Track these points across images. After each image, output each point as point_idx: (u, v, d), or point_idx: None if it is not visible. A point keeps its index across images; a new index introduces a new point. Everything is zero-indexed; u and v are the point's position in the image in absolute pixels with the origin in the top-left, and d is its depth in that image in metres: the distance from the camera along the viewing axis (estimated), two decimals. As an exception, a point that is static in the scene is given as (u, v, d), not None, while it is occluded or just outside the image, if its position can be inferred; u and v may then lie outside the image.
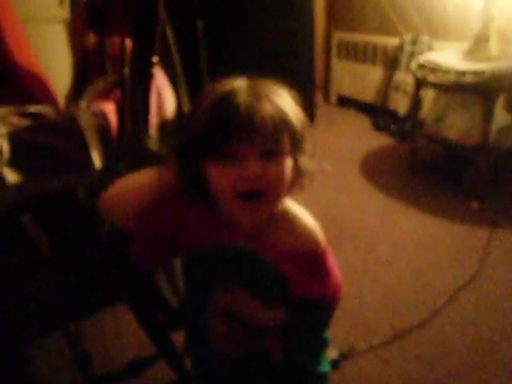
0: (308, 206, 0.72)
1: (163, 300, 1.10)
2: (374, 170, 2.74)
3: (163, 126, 1.17)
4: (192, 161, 0.63)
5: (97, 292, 1.19)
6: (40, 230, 1.12)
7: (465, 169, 2.45)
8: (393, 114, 3.33)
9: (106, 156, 1.10)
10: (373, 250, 1.95)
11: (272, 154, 0.61)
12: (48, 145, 1.10)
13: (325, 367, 0.83)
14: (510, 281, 1.71)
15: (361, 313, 1.59)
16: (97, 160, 1.08)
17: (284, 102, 0.63)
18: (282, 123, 0.61)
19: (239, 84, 0.61)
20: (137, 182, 0.71)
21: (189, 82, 1.45)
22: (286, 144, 0.63)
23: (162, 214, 0.70)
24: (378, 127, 3.36)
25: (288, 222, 0.70)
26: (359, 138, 3.24)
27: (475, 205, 2.24)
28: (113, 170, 1.02)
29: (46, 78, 1.46)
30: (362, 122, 3.54)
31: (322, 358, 0.82)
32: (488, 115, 2.16)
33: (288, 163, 0.64)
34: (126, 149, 1.05)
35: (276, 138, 0.61)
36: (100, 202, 0.72)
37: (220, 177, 0.61)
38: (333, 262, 0.74)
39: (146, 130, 1.11)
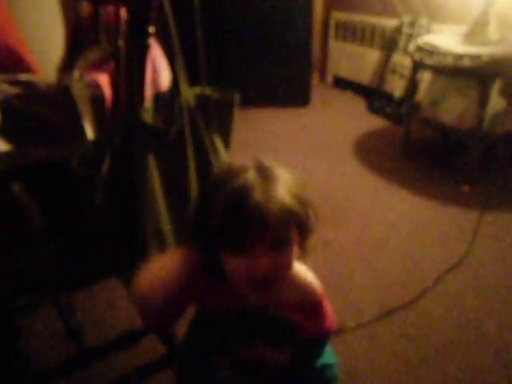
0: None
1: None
2: (368, 152, 2.74)
3: (158, 98, 1.15)
4: (211, 249, 0.70)
5: (89, 264, 1.19)
6: (32, 201, 1.11)
7: (457, 153, 2.47)
8: (388, 97, 3.32)
9: (99, 127, 1.08)
10: (364, 230, 1.97)
11: (281, 246, 0.67)
12: (39, 114, 1.08)
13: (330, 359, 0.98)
14: (498, 263, 1.74)
15: (351, 292, 1.61)
16: (89, 131, 1.07)
17: (290, 191, 0.68)
18: (289, 219, 0.66)
19: (250, 179, 0.66)
20: (165, 271, 0.75)
21: (185, 55, 1.42)
22: (294, 234, 0.68)
23: (186, 289, 0.76)
24: (373, 110, 3.36)
25: (291, 279, 0.77)
26: (354, 119, 3.24)
27: (466, 188, 2.26)
28: (107, 142, 1.00)
29: (19, 45, 1.38)
30: (358, 104, 3.53)
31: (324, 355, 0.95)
32: (484, 100, 2.16)
33: (295, 250, 0.70)
34: (121, 120, 1.04)
35: (284, 233, 0.67)
36: (133, 295, 0.77)
37: (233, 265, 0.68)
38: (327, 304, 0.85)
39: (141, 102, 1.09)
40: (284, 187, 0.67)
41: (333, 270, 1.71)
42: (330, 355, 1.00)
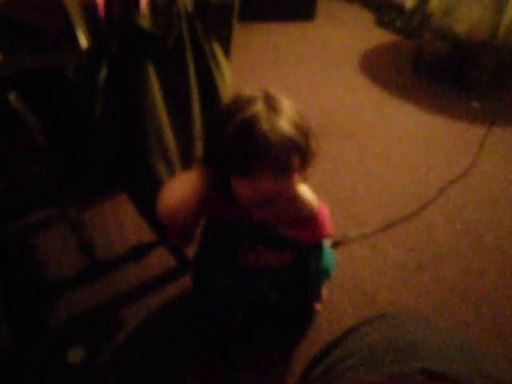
0: (307, 100, 0.77)
1: (160, 182, 1.11)
2: (376, 66, 2.64)
3: (155, 4, 1.08)
4: (220, 172, 0.79)
5: (94, 177, 1.20)
6: (33, 116, 1.09)
7: (469, 68, 2.36)
8: (399, 9, 3.13)
9: (93, 35, 1.03)
10: (369, 144, 1.96)
11: (283, 171, 0.74)
12: (29, 22, 1.02)
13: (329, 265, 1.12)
14: (501, 176, 1.75)
15: (354, 204, 1.63)
16: (83, 39, 1.02)
17: (293, 122, 0.73)
18: (291, 148, 0.72)
19: (258, 110, 0.71)
20: (185, 189, 0.84)
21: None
22: (295, 162, 0.75)
23: (201, 206, 0.85)
24: (383, 23, 3.17)
25: (292, 201, 0.85)
26: (362, 33, 3.07)
27: (476, 104, 2.20)
28: (102, 50, 0.96)
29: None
30: (366, 18, 3.33)
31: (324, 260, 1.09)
32: (500, 7, 2.03)
33: (296, 176, 0.77)
34: (116, 27, 0.98)
35: (287, 160, 0.73)
36: (160, 214, 0.86)
37: (240, 188, 0.76)
38: (325, 216, 0.93)
39: (137, 8, 1.03)
40: (288, 118, 0.73)
41: (337, 183, 1.72)
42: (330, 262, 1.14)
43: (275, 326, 1.25)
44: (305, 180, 0.84)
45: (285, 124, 0.72)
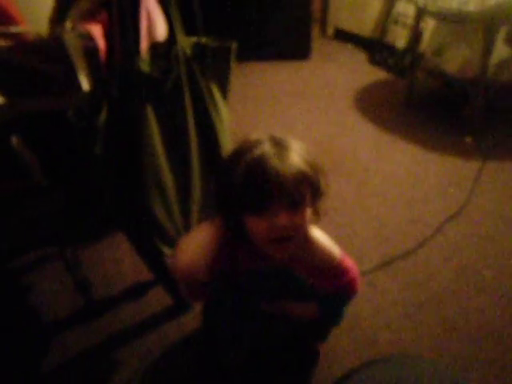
0: (303, 138, 0.82)
1: (159, 225, 1.11)
2: (369, 104, 2.70)
3: (154, 47, 1.11)
4: (234, 214, 0.79)
5: (92, 217, 1.20)
6: (32, 156, 1.11)
7: (461, 104, 2.43)
8: (391, 49, 3.23)
9: (94, 79, 1.06)
10: (365, 182, 1.97)
11: (297, 205, 0.75)
12: (32, 66, 1.05)
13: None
14: (496, 213, 1.76)
15: (352, 242, 1.63)
16: (84, 82, 1.05)
17: (303, 158, 0.75)
18: (303, 181, 0.74)
19: (266, 149, 0.73)
20: (201, 245, 0.85)
21: (180, 5, 1.37)
22: (307, 196, 0.76)
23: (220, 258, 0.86)
24: (375, 62, 3.27)
25: (310, 245, 0.87)
26: (355, 72, 3.16)
27: (469, 140, 2.24)
28: (103, 92, 0.98)
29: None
30: (359, 57, 3.44)
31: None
32: (488, 48, 2.10)
33: (309, 211, 0.78)
34: (117, 71, 1.01)
35: (299, 194, 0.74)
36: (176, 274, 0.87)
37: (255, 226, 0.76)
38: (349, 263, 0.94)
39: (137, 52, 1.06)
40: (297, 155, 0.75)
41: (334, 221, 1.72)
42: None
43: (277, 365, 1.22)
44: (318, 219, 0.84)
45: (295, 158, 0.74)
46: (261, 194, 0.72)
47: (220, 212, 0.83)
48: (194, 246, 0.85)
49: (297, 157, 0.75)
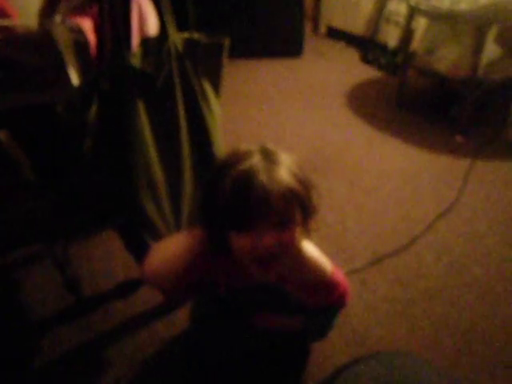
0: (295, 137, 0.78)
1: (149, 222, 1.10)
2: (361, 102, 2.71)
3: (146, 43, 1.10)
4: (217, 229, 0.75)
5: (82, 214, 1.19)
6: (21, 152, 1.09)
7: (452, 103, 2.45)
8: (382, 47, 3.24)
9: (84, 73, 1.04)
10: (357, 179, 1.98)
11: (284, 225, 0.71)
12: (21, 60, 1.03)
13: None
14: (486, 210, 1.77)
15: (344, 239, 1.64)
16: (74, 77, 1.03)
17: (293, 174, 0.71)
18: (292, 199, 0.70)
19: (255, 163, 0.69)
20: (174, 252, 0.81)
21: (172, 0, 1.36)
22: (297, 215, 0.72)
23: (196, 269, 0.83)
24: (367, 60, 3.28)
25: (300, 261, 0.82)
26: (347, 70, 3.17)
27: (459, 138, 2.26)
28: (93, 87, 0.97)
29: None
30: (351, 55, 3.45)
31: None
32: (479, 47, 2.12)
33: (298, 231, 0.74)
34: (108, 65, 1.00)
35: (287, 212, 0.70)
36: (145, 276, 0.85)
37: (239, 243, 0.72)
38: (339, 277, 0.90)
39: (128, 47, 1.05)
40: (287, 170, 0.71)
41: (326, 218, 1.72)
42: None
43: (268, 364, 1.22)
44: (308, 235, 0.81)
45: (284, 174, 0.70)
46: (246, 209, 0.68)
47: (203, 225, 0.79)
48: (165, 254, 0.82)
49: (287, 173, 0.70)
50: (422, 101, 2.71)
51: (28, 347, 1.26)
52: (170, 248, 0.83)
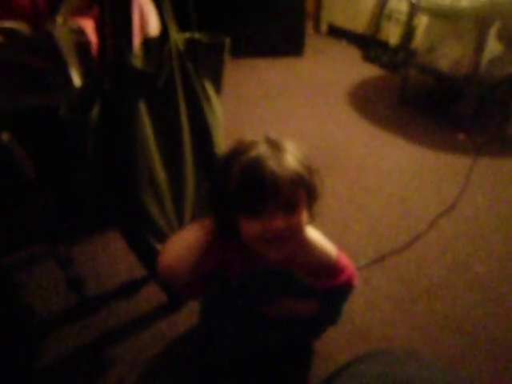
0: (296, 135, 0.79)
1: (152, 222, 1.10)
2: (363, 100, 2.71)
3: (147, 43, 1.10)
4: (228, 215, 0.78)
5: (85, 214, 1.19)
6: (24, 152, 1.10)
7: (453, 101, 2.44)
8: (384, 45, 3.24)
9: (86, 74, 1.05)
10: (359, 178, 1.98)
11: (292, 208, 0.75)
12: (23, 62, 1.04)
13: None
14: (488, 208, 1.77)
15: (346, 237, 1.64)
16: (76, 78, 1.04)
17: (298, 160, 0.75)
18: (299, 183, 0.74)
19: (262, 151, 0.73)
20: (187, 245, 0.83)
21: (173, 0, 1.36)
22: (303, 198, 0.76)
23: (209, 259, 0.85)
24: (369, 58, 3.28)
25: (307, 246, 0.87)
26: (349, 68, 3.17)
27: (461, 136, 2.25)
28: (95, 88, 0.97)
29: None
30: (353, 53, 3.45)
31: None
32: (480, 44, 2.11)
33: (304, 213, 0.78)
34: (109, 66, 1.00)
35: (295, 196, 0.74)
36: (160, 272, 0.85)
37: (249, 228, 0.75)
38: (345, 260, 0.95)
39: (130, 47, 1.05)
40: (293, 157, 0.75)
41: (329, 217, 1.72)
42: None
43: (271, 362, 1.22)
44: (313, 220, 0.84)
45: (290, 160, 0.73)
46: (257, 195, 0.71)
47: (212, 212, 0.82)
48: (180, 246, 0.84)
49: (293, 159, 0.74)
50: (424, 98, 2.70)
51: (31, 347, 1.26)
52: (183, 241, 0.85)
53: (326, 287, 0.95)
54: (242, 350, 1.20)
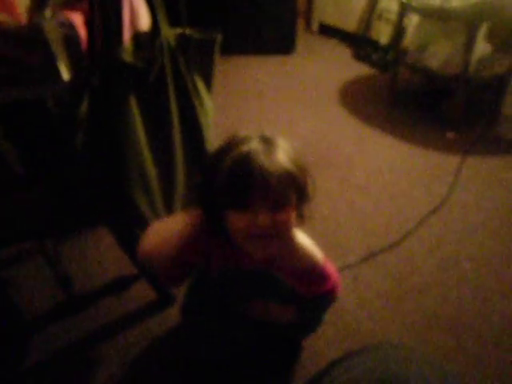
0: (286, 134, 0.82)
1: (141, 217, 1.09)
2: (353, 99, 2.72)
3: (138, 37, 1.09)
4: (215, 209, 0.77)
5: (74, 211, 1.18)
6: (11, 147, 1.08)
7: (443, 100, 2.46)
8: (374, 44, 3.26)
9: (75, 68, 1.03)
10: (349, 176, 1.99)
11: (280, 206, 0.73)
12: (10, 55, 1.02)
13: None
14: (477, 206, 1.79)
15: (337, 235, 1.64)
16: (65, 72, 1.02)
17: (290, 159, 0.74)
18: (289, 181, 0.73)
19: (254, 146, 0.72)
20: (169, 232, 0.83)
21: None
22: (293, 197, 0.75)
23: (190, 250, 0.84)
24: (359, 57, 3.29)
25: (293, 249, 0.85)
26: (339, 67, 3.18)
27: (450, 135, 2.27)
28: (84, 82, 0.96)
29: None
30: (343, 52, 3.46)
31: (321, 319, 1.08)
32: (470, 44, 2.13)
33: (293, 213, 0.77)
34: (99, 60, 0.99)
35: (284, 194, 0.73)
36: (139, 255, 0.85)
37: (236, 223, 0.74)
38: (331, 269, 0.93)
39: (120, 41, 1.04)
40: (285, 154, 0.74)
41: (319, 214, 1.73)
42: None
43: (259, 359, 1.22)
44: (302, 222, 0.83)
45: (282, 158, 0.73)
46: (244, 189, 0.71)
47: (201, 205, 0.81)
48: (161, 232, 0.84)
49: (285, 157, 0.73)
50: (414, 97, 2.72)
51: (18, 346, 1.25)
52: (166, 227, 0.85)
53: (309, 294, 0.93)
54: (228, 346, 1.19)
